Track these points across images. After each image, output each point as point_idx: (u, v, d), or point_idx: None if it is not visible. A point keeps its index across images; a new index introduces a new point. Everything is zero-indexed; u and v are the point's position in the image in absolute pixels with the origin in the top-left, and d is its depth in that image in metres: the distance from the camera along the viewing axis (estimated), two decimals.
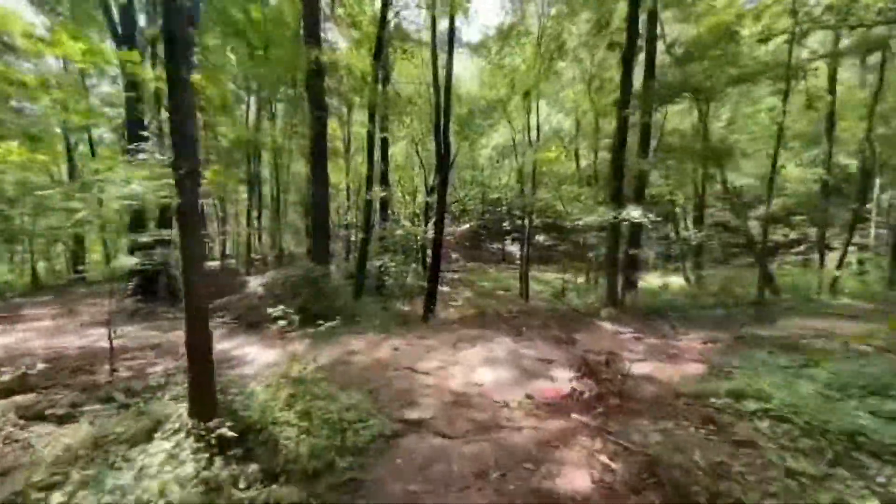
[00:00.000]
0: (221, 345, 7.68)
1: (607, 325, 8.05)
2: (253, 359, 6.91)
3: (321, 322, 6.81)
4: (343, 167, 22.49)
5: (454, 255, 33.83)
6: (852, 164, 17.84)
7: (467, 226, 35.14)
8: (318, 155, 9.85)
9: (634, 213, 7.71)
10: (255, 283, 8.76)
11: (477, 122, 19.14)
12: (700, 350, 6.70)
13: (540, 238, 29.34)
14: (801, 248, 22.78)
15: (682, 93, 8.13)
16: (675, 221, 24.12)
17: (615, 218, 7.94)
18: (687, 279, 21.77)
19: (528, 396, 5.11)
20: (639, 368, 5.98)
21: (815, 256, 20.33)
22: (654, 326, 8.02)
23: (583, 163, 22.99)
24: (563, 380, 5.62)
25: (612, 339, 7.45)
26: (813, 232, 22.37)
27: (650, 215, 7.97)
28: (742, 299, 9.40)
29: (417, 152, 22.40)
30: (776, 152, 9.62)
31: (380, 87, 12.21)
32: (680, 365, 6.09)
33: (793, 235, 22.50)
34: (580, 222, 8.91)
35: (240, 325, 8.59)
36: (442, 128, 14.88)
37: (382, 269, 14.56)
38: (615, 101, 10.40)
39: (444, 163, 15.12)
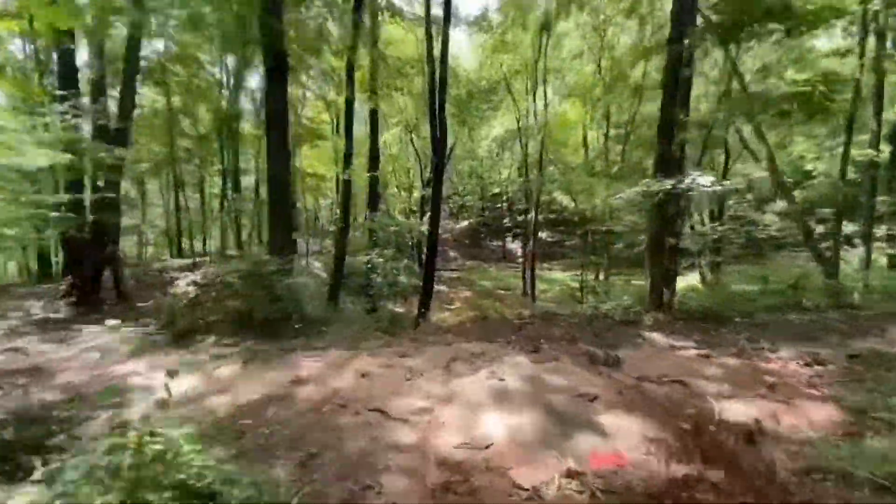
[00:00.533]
0: (126, 366, 5.41)
1: (657, 337, 5.79)
2: (159, 390, 4.64)
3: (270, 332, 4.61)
4: (333, 156, 20.21)
5: (452, 254, 31.57)
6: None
7: (466, 223, 32.86)
8: (276, 119, 7.61)
9: (702, 179, 5.46)
10: (185, 282, 6.50)
11: (477, 106, 16.96)
12: (809, 377, 4.44)
13: (542, 234, 27.09)
14: (826, 244, 20.57)
15: (765, 19, 5.85)
16: (688, 214, 21.83)
17: (673, 187, 5.71)
18: (702, 276, 19.57)
19: (574, 474, 2.85)
20: (731, 410, 3.75)
21: (845, 252, 18.13)
22: (722, 338, 5.77)
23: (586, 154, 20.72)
24: (622, 433, 3.38)
25: (670, 357, 5.19)
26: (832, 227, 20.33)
27: (726, 182, 5.72)
28: (816, 301, 7.18)
29: (412, 141, 20.18)
30: (851, 117, 7.35)
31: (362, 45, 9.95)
32: (795, 405, 3.83)
33: (819, 230, 20.24)
34: (620, 197, 6.63)
35: (166, 335, 6.31)
36: (437, 106, 12.66)
37: (370, 265, 12.30)
38: (657, 44, 8.14)
39: (439, 146, 12.88)
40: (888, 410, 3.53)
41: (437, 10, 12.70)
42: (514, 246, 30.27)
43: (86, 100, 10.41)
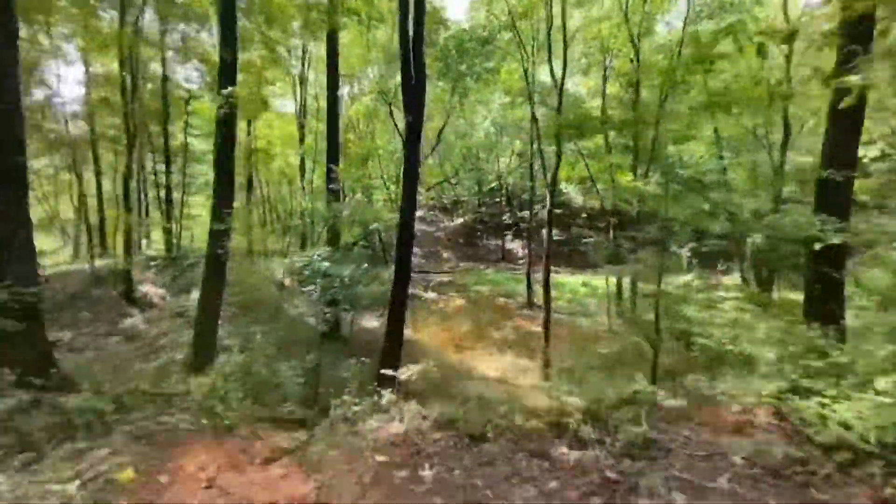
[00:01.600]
0: None
1: None
2: None
3: None
4: (295, 136, 15.70)
5: (445, 254, 27.06)
6: None
7: (461, 220, 28.39)
8: None
9: None
10: None
11: (470, 63, 12.50)
12: None
13: (545, 232, 22.62)
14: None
15: None
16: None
17: None
18: (745, 280, 15.27)
19: None
20: None
21: None
22: None
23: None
24: None
25: None
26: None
27: None
28: None
29: (392, 115, 15.67)
30: None
31: None
32: None
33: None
34: None
35: None
36: (412, 42, 8.36)
37: (310, 269, 7.84)
38: None
39: (414, 97, 8.48)
40: None
41: None
42: (514, 245, 25.81)
43: None
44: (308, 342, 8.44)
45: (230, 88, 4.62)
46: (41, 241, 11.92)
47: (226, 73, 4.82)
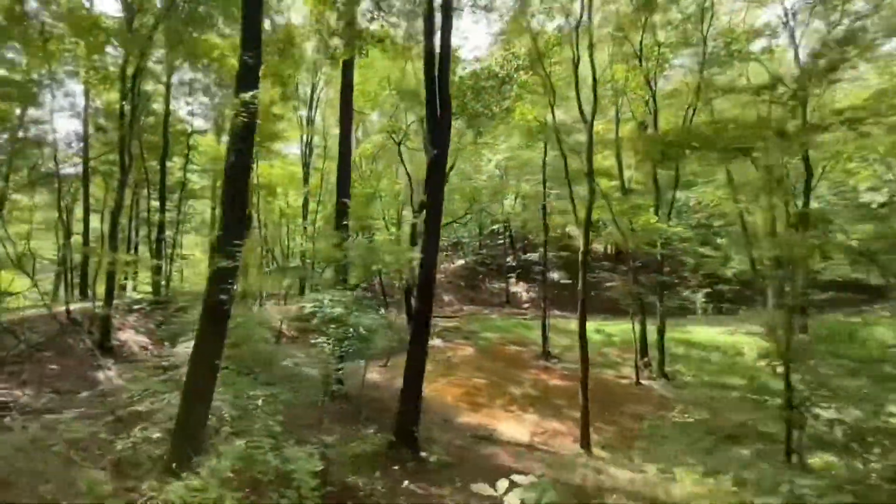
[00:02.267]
0: None
1: None
2: None
3: None
4: (298, 175, 14.96)
5: (447, 297, 25.86)
6: None
7: (462, 261, 27.46)
8: None
9: None
10: None
11: (486, 101, 12.10)
12: None
13: (555, 276, 21.71)
14: None
15: None
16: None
17: None
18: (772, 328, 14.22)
19: None
20: None
21: None
22: None
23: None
24: None
25: None
26: None
27: None
28: None
29: (401, 156, 15.13)
30: None
31: None
32: None
33: None
34: None
35: None
36: (437, 77, 7.89)
37: (317, 313, 6.66)
38: None
39: (440, 133, 7.86)
40: None
41: None
42: (519, 289, 24.79)
43: None
44: (315, 407, 7.12)
45: (251, 92, 3.72)
46: (5, 282, 10.59)
47: (246, 77, 3.96)
